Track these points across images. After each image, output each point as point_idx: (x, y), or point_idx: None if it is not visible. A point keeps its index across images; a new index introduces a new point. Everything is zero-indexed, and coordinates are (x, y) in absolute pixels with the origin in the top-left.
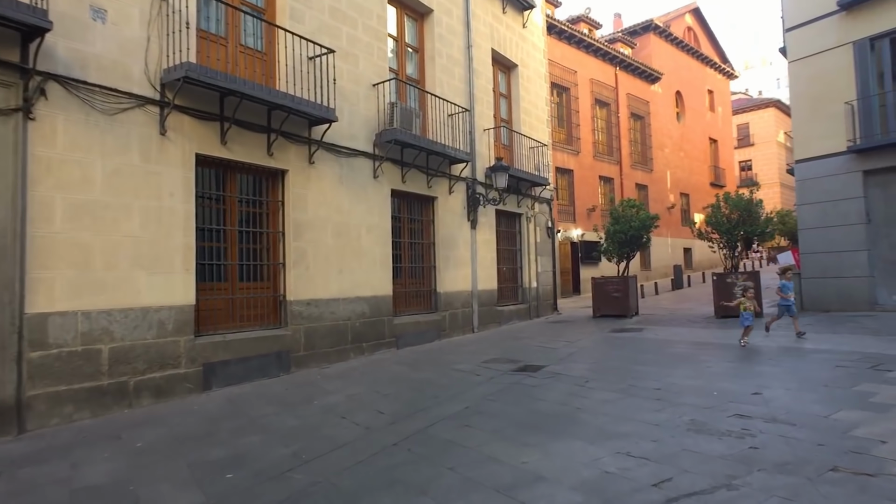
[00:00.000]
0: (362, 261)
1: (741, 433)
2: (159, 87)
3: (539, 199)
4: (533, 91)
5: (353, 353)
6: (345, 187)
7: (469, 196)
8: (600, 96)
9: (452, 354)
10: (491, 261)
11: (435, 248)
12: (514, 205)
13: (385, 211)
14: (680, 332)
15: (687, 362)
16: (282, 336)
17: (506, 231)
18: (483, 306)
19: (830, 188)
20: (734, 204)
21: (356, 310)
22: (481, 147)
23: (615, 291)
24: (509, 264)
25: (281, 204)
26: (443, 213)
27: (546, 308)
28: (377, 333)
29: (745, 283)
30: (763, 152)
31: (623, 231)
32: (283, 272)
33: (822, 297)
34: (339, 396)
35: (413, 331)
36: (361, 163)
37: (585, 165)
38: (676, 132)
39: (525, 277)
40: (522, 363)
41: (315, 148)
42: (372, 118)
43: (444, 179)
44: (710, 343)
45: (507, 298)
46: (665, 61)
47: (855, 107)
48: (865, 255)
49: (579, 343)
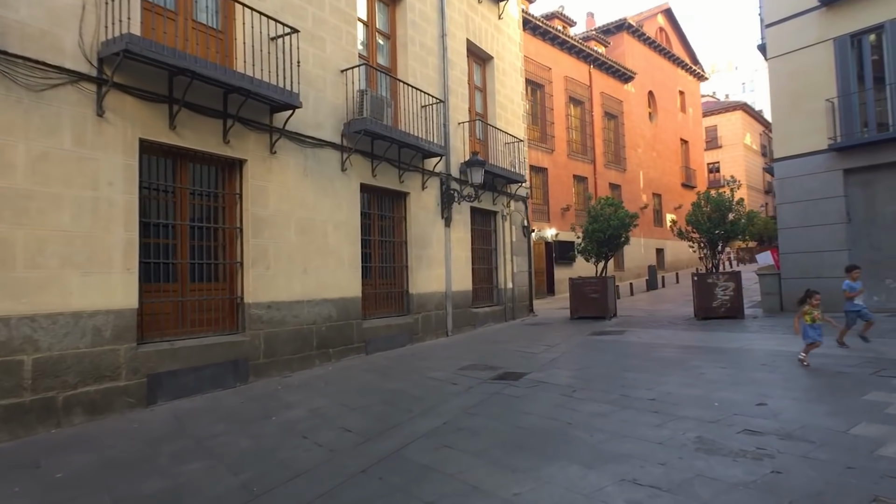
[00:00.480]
0: (329, 260)
1: (757, 453)
2: (96, 62)
3: (515, 196)
4: (509, 85)
5: (319, 360)
6: (310, 180)
7: (443, 192)
8: (574, 94)
9: (426, 360)
10: (465, 260)
11: (407, 247)
12: (489, 202)
13: (354, 206)
14: (663, 334)
15: (678, 368)
16: (239, 342)
17: (481, 229)
18: (457, 308)
19: (810, 187)
20: (715, 203)
21: (322, 313)
22: (456, 141)
23: (593, 292)
24: (484, 264)
25: (238, 197)
26: (416, 210)
27: (522, 310)
28: (345, 338)
29: (727, 284)
30: (730, 154)
31: (601, 230)
32: (240, 272)
33: None
34: (300, 411)
35: (384, 335)
36: (328, 154)
37: (560, 164)
38: (649, 132)
39: (500, 278)
40: (502, 370)
41: (277, 136)
42: (340, 106)
43: (417, 174)
44: (697, 346)
45: (482, 300)
46: (638, 61)
47: (835, 104)
48: (846, 255)
49: (560, 347)
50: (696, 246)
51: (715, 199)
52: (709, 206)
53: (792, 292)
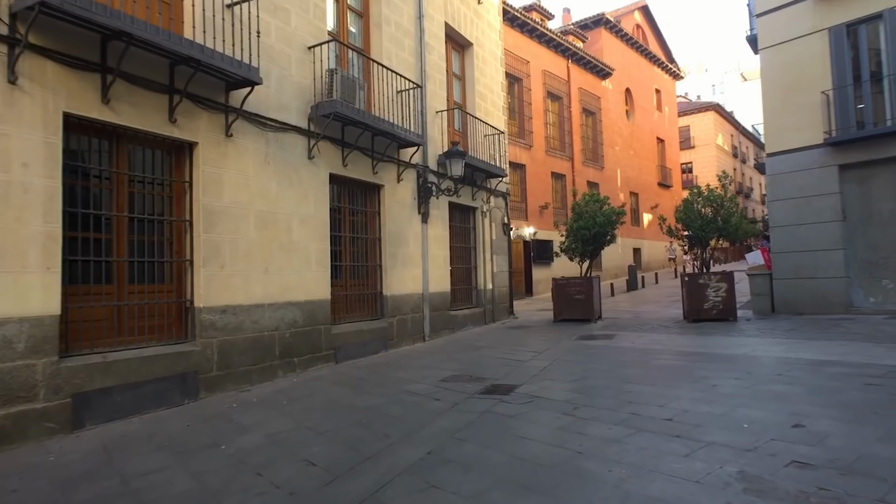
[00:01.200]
0: (293, 258)
1: (823, 497)
2: (8, 19)
3: (495, 192)
4: (488, 74)
5: (282, 371)
6: (272, 168)
7: (420, 185)
8: (553, 89)
9: (403, 370)
10: (444, 259)
11: (381, 245)
12: (468, 197)
13: (322, 199)
14: (657, 339)
15: (685, 379)
16: (188, 353)
17: (459, 226)
18: (435, 311)
19: (804, 183)
20: (708, 199)
21: (286, 317)
22: (433, 131)
23: (578, 293)
24: (463, 263)
25: (188, 185)
26: (390, 204)
27: (502, 312)
28: (312, 345)
29: (719, 284)
30: (703, 155)
31: (587, 227)
32: (190, 272)
33: (795, 298)
34: (256, 436)
35: (355, 341)
36: (293, 140)
37: (538, 160)
38: (626, 130)
39: (480, 278)
40: (489, 381)
41: (234, 117)
42: (307, 87)
43: (392, 165)
44: (698, 353)
45: (460, 302)
46: (615, 57)
47: (830, 97)
48: (841, 254)
49: (548, 353)
50: (674, 246)
51: (708, 195)
52: (700, 202)
53: (784, 293)
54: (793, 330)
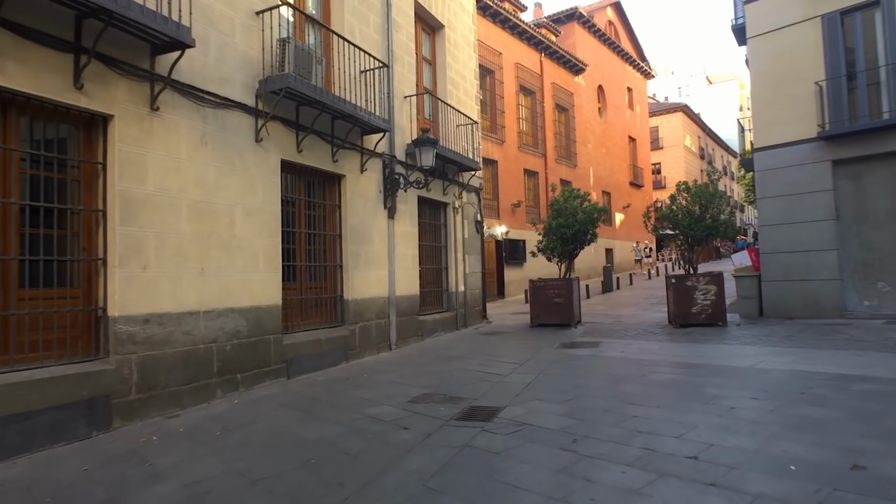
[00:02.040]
0: (237, 257)
1: None
2: None
3: (467, 187)
4: (461, 60)
5: (222, 390)
6: (211, 151)
7: (386, 177)
8: (525, 83)
9: (366, 387)
10: (412, 259)
11: (342, 242)
12: (439, 192)
13: (272, 188)
14: (647, 347)
15: (695, 399)
16: (98, 373)
17: (429, 223)
18: (403, 316)
19: (795, 180)
20: (697, 195)
21: (226, 327)
22: (401, 118)
23: (557, 296)
24: (433, 264)
25: (101, 168)
26: (352, 197)
27: (474, 316)
28: (259, 359)
29: (707, 287)
30: (671, 156)
31: (567, 225)
32: (103, 273)
33: (785, 302)
34: (170, 486)
35: (311, 352)
36: (238, 119)
37: (510, 157)
38: (599, 128)
39: (451, 280)
40: (466, 402)
41: (161, 87)
42: (254, 59)
43: (355, 153)
44: (698, 365)
45: (430, 306)
46: (588, 53)
47: (823, 88)
48: (834, 255)
49: (530, 365)
50: (649, 246)
51: (696, 190)
52: (687, 199)
53: (774, 296)
54: (791, 337)
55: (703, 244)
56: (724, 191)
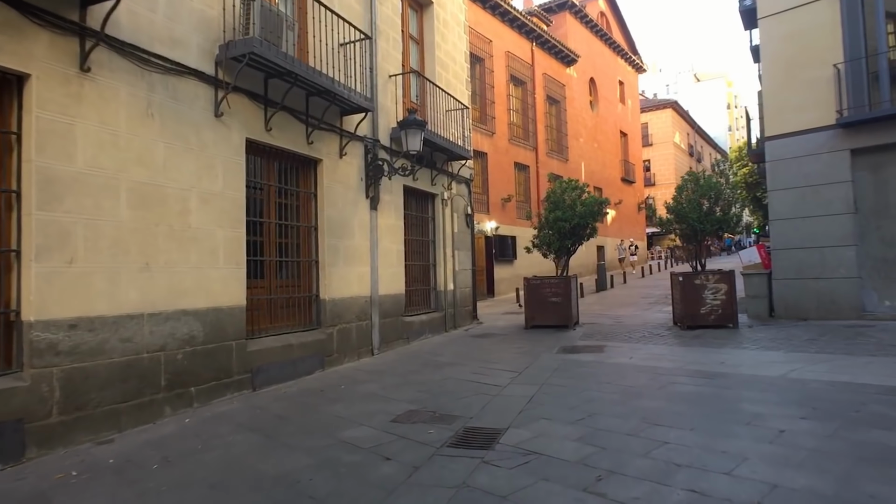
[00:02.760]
0: (191, 250)
1: None
2: None
3: (457, 177)
4: (450, 40)
5: (171, 407)
6: (159, 124)
7: (369, 163)
8: (516, 73)
9: (342, 401)
10: (398, 255)
11: (318, 235)
12: (426, 182)
13: (235, 172)
14: (657, 352)
15: (732, 418)
16: (7, 392)
17: (417, 216)
18: (387, 317)
19: (810, 170)
20: (705, 187)
21: (178, 332)
22: (386, 99)
23: (554, 296)
24: (420, 260)
25: (15, 139)
26: (330, 184)
27: (464, 317)
28: (218, 368)
29: (717, 286)
30: (661, 152)
31: (565, 219)
32: (16, 268)
33: (798, 301)
34: None
35: (281, 359)
36: (193, 88)
37: (500, 149)
38: (590, 121)
39: (440, 278)
40: (460, 422)
41: (92, 43)
42: (214, 20)
43: (333, 136)
44: (721, 374)
45: (417, 306)
46: (580, 45)
47: (842, 71)
48: (852, 251)
49: (530, 374)
50: (677, 239)
51: (705, 182)
52: (694, 191)
53: (785, 295)
54: (814, 341)
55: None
56: (726, 181)
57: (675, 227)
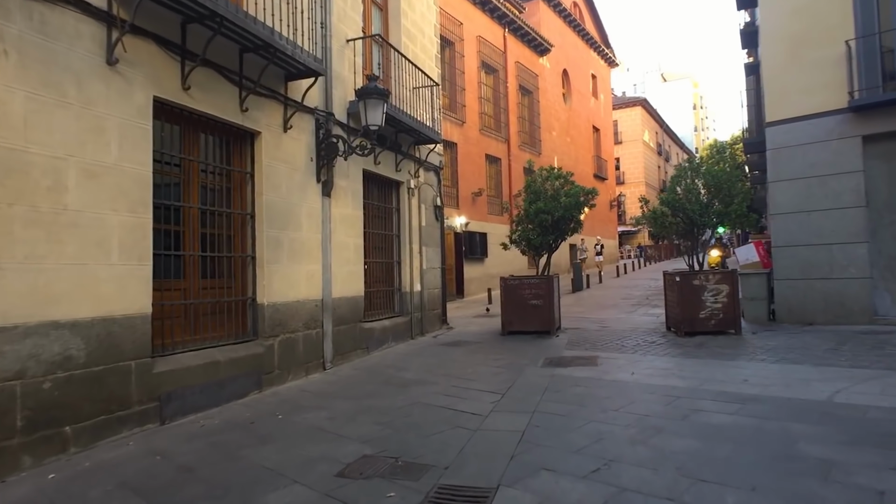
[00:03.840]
0: (68, 241)
1: None
2: None
3: (425, 164)
4: (418, 9)
5: (32, 457)
6: (18, 67)
7: (321, 140)
8: (488, 59)
9: (274, 443)
10: (355, 250)
11: (256, 225)
12: (390, 167)
13: (137, 138)
14: (661, 365)
15: (796, 469)
16: None
17: (379, 206)
18: (342, 324)
19: (817, 159)
20: (709, 178)
21: (45, 352)
22: (342, 66)
23: (534, 298)
24: (383, 257)
25: None
26: (272, 163)
27: (433, 321)
28: (109, 398)
29: (718, 287)
30: (630, 151)
31: (548, 210)
32: None
33: (803, 304)
34: None
35: (203, 380)
36: (73, 24)
37: (471, 140)
38: (564, 114)
39: (405, 277)
40: (431, 476)
41: None
42: None
43: (275, 104)
44: (752, 397)
45: (378, 310)
46: (553, 34)
47: (853, 49)
48: (864, 248)
49: (515, 396)
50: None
51: (709, 171)
52: (693, 180)
53: (788, 297)
54: (835, 350)
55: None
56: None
57: (670, 220)
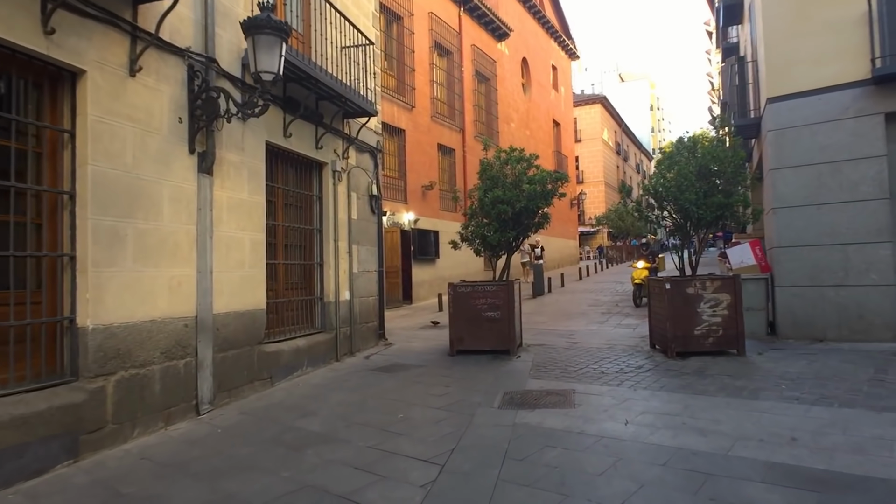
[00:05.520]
0: None
1: None
2: None
3: (358, 143)
4: None
5: None
6: None
7: (197, 93)
8: (441, 40)
9: None
10: (254, 249)
11: (77, 210)
12: (308, 142)
13: None
14: (659, 406)
15: None
16: None
17: (293, 193)
18: (230, 349)
19: (829, 142)
20: (708, 156)
21: None
22: (233, 2)
23: (491, 309)
24: (300, 257)
25: None
26: (107, 121)
27: (367, 337)
28: None
29: (717, 296)
30: (589, 149)
31: (507, 200)
32: None
33: (811, 316)
34: None
35: None
36: None
37: (422, 127)
38: (523, 106)
39: (328, 283)
40: None
41: None
42: None
43: (115, 32)
44: (819, 475)
45: (291, 325)
46: (512, 20)
47: (875, 7)
48: (888, 249)
49: (459, 470)
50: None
51: (707, 148)
52: (685, 158)
53: (794, 308)
54: (880, 382)
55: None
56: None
57: (657, 214)
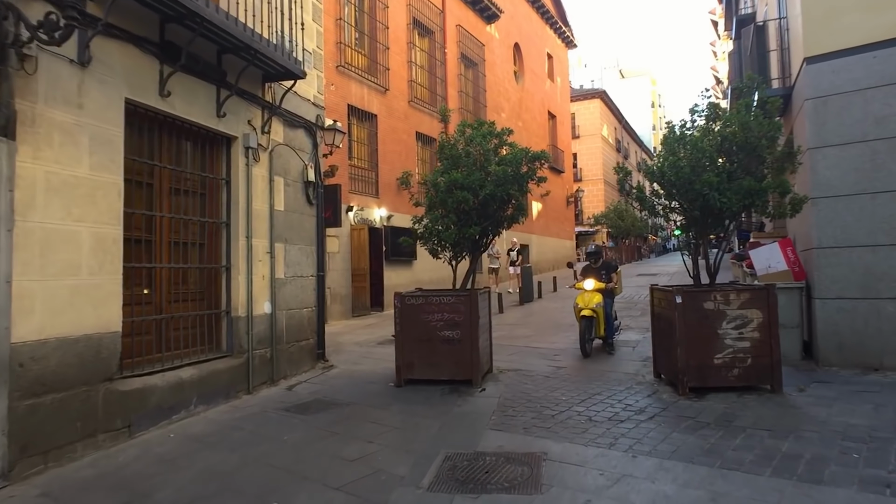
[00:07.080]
0: None
1: None
2: None
3: (284, 114)
4: None
5: None
6: None
7: None
8: (421, 17)
9: None
10: (96, 247)
11: None
12: (204, 107)
13: None
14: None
15: None
16: None
17: (189, 175)
18: (46, 393)
19: (888, 111)
20: (735, 125)
21: None
22: None
23: (448, 326)
24: (194, 260)
25: None
26: None
27: (298, 359)
28: None
29: (745, 313)
30: (588, 146)
31: (468, 186)
32: None
33: (863, 337)
34: None
35: None
36: None
37: (397, 112)
38: (515, 95)
39: (239, 293)
40: None
41: None
42: None
43: None
44: None
45: (175, 350)
46: (503, 1)
47: None
48: None
49: None
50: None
51: (732, 115)
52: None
53: (839, 325)
54: None
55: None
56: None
57: (664, 202)
